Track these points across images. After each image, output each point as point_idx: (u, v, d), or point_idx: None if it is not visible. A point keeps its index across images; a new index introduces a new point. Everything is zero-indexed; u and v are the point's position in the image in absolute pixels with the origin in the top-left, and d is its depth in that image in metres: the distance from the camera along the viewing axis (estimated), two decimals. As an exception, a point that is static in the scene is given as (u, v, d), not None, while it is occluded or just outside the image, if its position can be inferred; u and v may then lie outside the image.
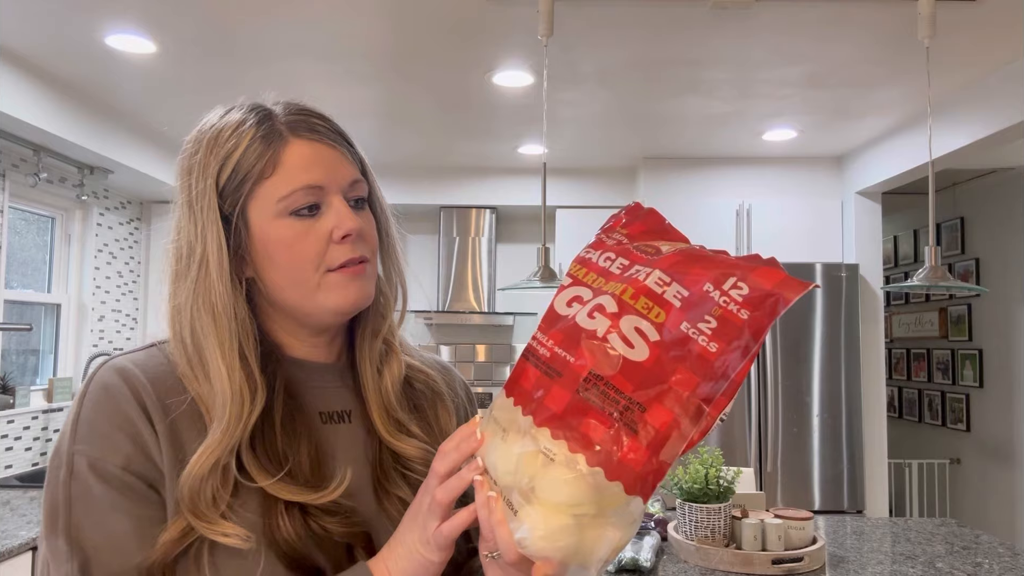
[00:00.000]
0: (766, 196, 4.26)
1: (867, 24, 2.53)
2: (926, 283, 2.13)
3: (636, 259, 0.65)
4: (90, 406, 0.73)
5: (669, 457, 0.59)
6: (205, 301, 0.75)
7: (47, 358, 3.79)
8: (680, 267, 0.62)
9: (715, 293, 0.60)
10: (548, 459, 0.59)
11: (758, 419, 3.84)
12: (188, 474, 0.70)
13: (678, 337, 0.59)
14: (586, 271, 0.68)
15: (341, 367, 0.86)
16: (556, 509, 0.59)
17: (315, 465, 0.76)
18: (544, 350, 0.63)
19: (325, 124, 0.80)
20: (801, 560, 2.03)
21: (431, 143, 4.05)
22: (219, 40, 2.69)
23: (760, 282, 0.59)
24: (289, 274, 0.77)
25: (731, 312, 0.59)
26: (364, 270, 0.79)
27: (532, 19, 2.43)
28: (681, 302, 0.60)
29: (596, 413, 0.59)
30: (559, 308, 0.66)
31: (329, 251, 0.77)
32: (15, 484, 3.15)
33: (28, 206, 3.58)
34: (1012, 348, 4.35)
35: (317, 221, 0.77)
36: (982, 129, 3.06)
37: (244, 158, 0.76)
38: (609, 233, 0.72)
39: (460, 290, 4.65)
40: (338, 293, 0.78)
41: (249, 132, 0.77)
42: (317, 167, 0.77)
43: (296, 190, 0.76)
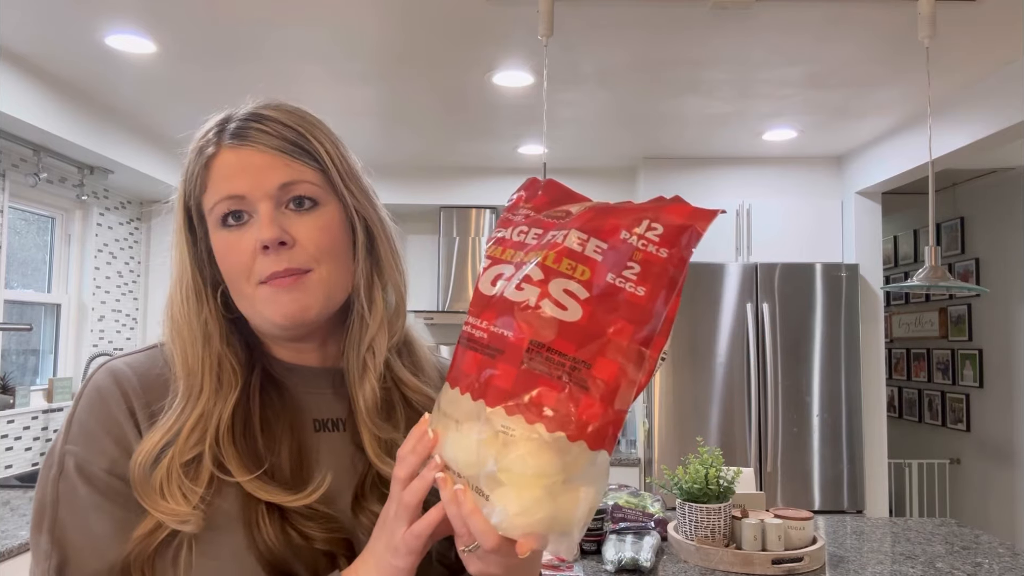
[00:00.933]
0: (766, 196, 4.26)
1: (867, 24, 2.53)
2: (926, 283, 2.13)
3: (549, 226, 0.66)
4: (83, 407, 0.76)
5: (624, 405, 0.60)
6: (172, 312, 0.78)
7: (47, 358, 3.79)
8: (594, 222, 0.63)
9: (632, 239, 0.61)
10: (508, 437, 0.59)
11: (758, 419, 3.84)
12: (136, 455, 0.71)
13: (606, 289, 0.60)
14: (502, 249, 0.68)
15: (335, 373, 0.83)
16: (526, 484, 0.59)
17: (296, 468, 0.76)
18: (480, 332, 0.63)
19: (263, 127, 0.76)
20: (801, 560, 2.03)
21: (431, 143, 4.05)
22: (219, 40, 2.69)
23: (672, 218, 0.61)
24: (231, 285, 0.77)
25: (651, 253, 0.60)
26: (295, 282, 0.74)
27: (532, 19, 2.43)
28: (602, 255, 0.61)
29: (545, 380, 0.59)
30: (484, 289, 0.66)
31: (256, 262, 0.74)
32: (15, 484, 3.15)
33: (28, 206, 3.58)
34: (1012, 348, 4.35)
35: (245, 231, 0.75)
36: (982, 129, 3.06)
37: (189, 174, 0.79)
38: (513, 211, 0.72)
39: (460, 290, 4.65)
40: (270, 307, 0.75)
41: (196, 147, 0.78)
42: (239, 175, 0.75)
43: (220, 200, 0.75)
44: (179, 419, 0.73)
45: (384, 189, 0.86)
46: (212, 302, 0.78)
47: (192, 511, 0.70)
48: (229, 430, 0.73)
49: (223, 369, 0.76)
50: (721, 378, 3.87)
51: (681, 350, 3.86)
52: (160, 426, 0.73)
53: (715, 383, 3.87)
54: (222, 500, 0.72)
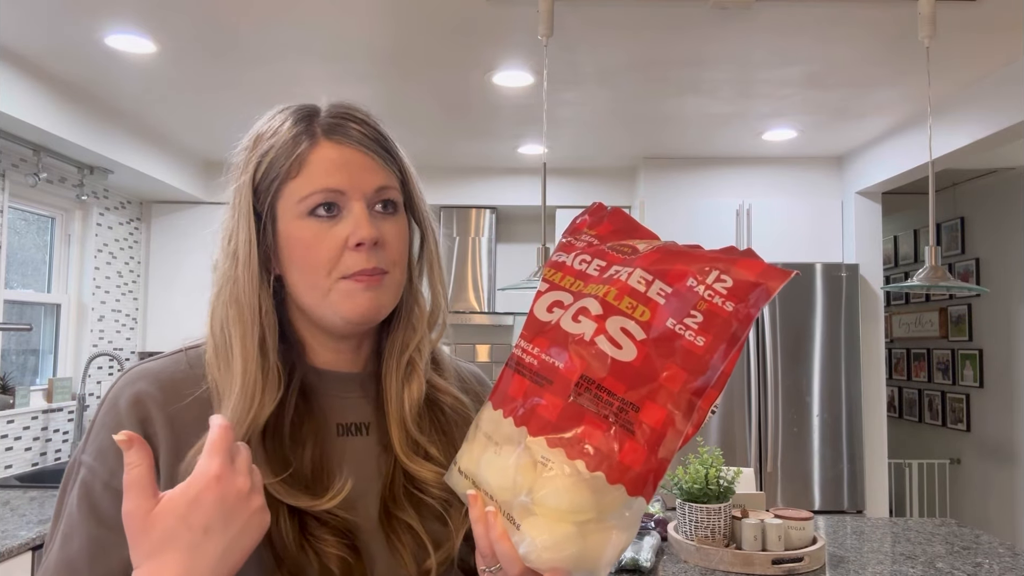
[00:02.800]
0: (766, 196, 4.26)
1: (867, 24, 2.53)
2: (926, 283, 2.13)
3: (613, 260, 0.65)
4: (100, 418, 0.77)
5: (667, 454, 0.59)
6: (232, 292, 0.77)
7: (47, 358, 3.79)
8: (661, 264, 0.62)
9: (699, 287, 0.60)
10: (546, 468, 0.59)
11: (758, 419, 3.84)
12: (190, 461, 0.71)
13: (665, 334, 0.59)
14: (561, 275, 0.67)
15: (364, 377, 0.84)
16: (559, 518, 0.58)
17: (317, 472, 0.76)
18: (531, 358, 0.63)
19: (360, 128, 0.79)
20: (801, 560, 2.03)
21: (431, 143, 4.05)
22: (219, 40, 2.69)
23: (743, 273, 0.60)
24: (304, 275, 0.77)
25: (716, 305, 0.59)
26: (379, 281, 0.76)
27: (532, 19, 2.43)
28: (665, 299, 0.60)
29: (591, 417, 0.58)
30: (539, 315, 0.65)
31: (343, 257, 0.76)
32: (15, 484, 3.15)
33: (28, 206, 3.58)
34: (1012, 348, 4.35)
35: (335, 226, 0.76)
36: (982, 129, 3.06)
37: (276, 158, 0.78)
38: (576, 235, 0.72)
39: (460, 290, 4.65)
40: (348, 302, 0.76)
41: (285, 133, 0.78)
42: (340, 171, 0.76)
43: (315, 191, 0.76)
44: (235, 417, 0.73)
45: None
46: (269, 289, 0.78)
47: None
48: (260, 431, 0.74)
49: (271, 368, 0.76)
50: (721, 378, 3.86)
51: (681, 350, 3.86)
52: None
53: (715, 383, 3.86)
54: None
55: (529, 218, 4.93)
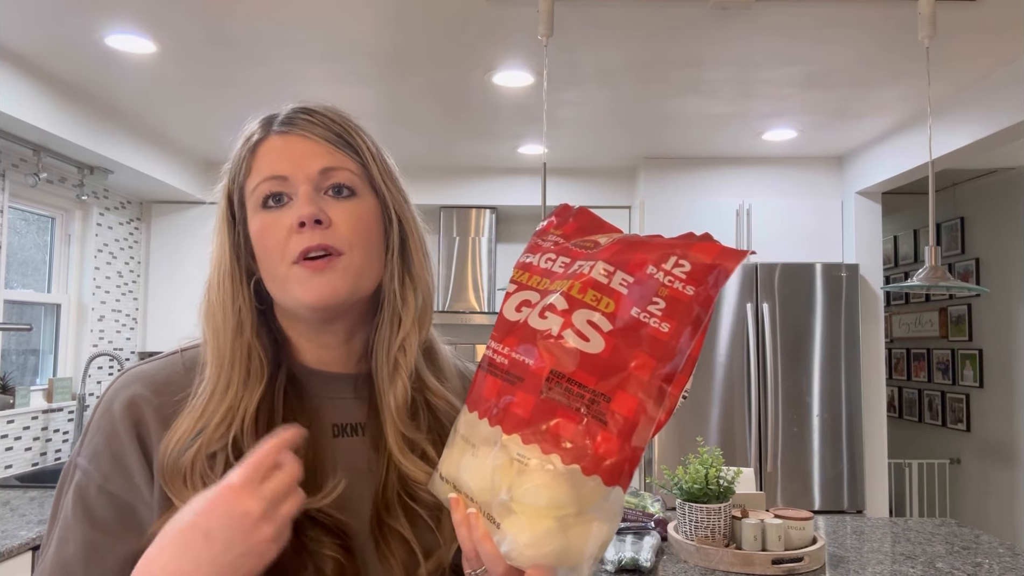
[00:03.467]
0: (766, 196, 4.26)
1: (867, 24, 2.53)
2: (926, 283, 2.13)
3: (576, 255, 0.65)
4: (95, 421, 0.78)
5: (641, 442, 0.59)
6: (209, 296, 0.80)
7: (47, 358, 3.79)
8: (621, 255, 0.62)
9: (659, 274, 0.61)
10: (523, 465, 0.59)
11: (758, 419, 3.84)
12: (166, 443, 0.73)
13: (630, 323, 0.60)
14: (528, 275, 0.68)
15: (358, 378, 0.84)
16: (538, 514, 0.58)
17: (310, 471, 0.75)
18: (501, 358, 0.63)
19: (308, 117, 0.80)
20: (801, 560, 2.03)
21: (431, 143, 4.05)
22: (219, 40, 2.69)
23: (700, 256, 0.61)
24: (264, 267, 0.79)
25: (677, 290, 0.60)
26: (327, 264, 0.76)
27: (532, 19, 2.43)
28: (628, 288, 0.61)
29: (563, 411, 0.58)
30: (508, 315, 0.65)
31: (291, 240, 0.76)
32: (15, 484, 3.15)
33: (28, 206, 3.58)
34: (1012, 348, 4.35)
35: (283, 212, 0.77)
36: (982, 129, 3.06)
37: (235, 161, 0.81)
38: (543, 236, 0.72)
39: (460, 290, 4.65)
40: (301, 287, 0.76)
41: (244, 137, 0.81)
42: (284, 159, 0.77)
43: (260, 182, 0.78)
44: (208, 407, 0.74)
45: (384, 189, 0.88)
46: (246, 290, 0.80)
47: None
48: (253, 425, 0.74)
49: (252, 360, 0.77)
50: (721, 378, 3.87)
51: (681, 350, 3.86)
52: (189, 413, 0.75)
53: (715, 383, 3.87)
54: None
55: (529, 218, 4.93)
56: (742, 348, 3.87)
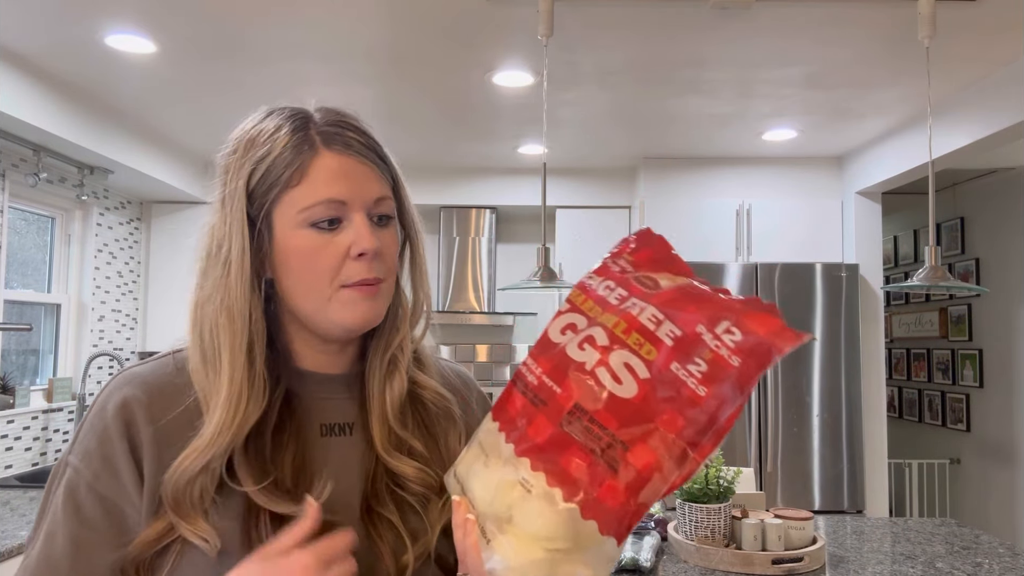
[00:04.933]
0: (766, 196, 4.26)
1: (867, 25, 2.53)
2: (926, 283, 2.13)
3: (635, 291, 0.63)
4: (89, 420, 0.78)
5: (648, 499, 0.57)
6: (224, 300, 0.76)
7: (47, 358, 3.79)
8: (675, 304, 0.60)
9: (707, 336, 0.57)
10: (525, 490, 0.58)
11: (758, 419, 3.84)
12: (174, 471, 0.72)
13: (668, 377, 0.57)
14: (584, 298, 0.66)
15: (349, 378, 0.85)
16: (529, 541, 0.58)
17: (298, 477, 0.76)
18: (532, 377, 0.62)
19: (359, 138, 0.80)
20: (801, 560, 2.03)
21: (431, 143, 4.05)
22: (219, 40, 2.69)
23: (754, 328, 0.57)
24: (303, 284, 0.77)
25: (722, 357, 0.57)
26: (377, 290, 0.78)
27: (532, 19, 2.43)
28: (673, 341, 0.58)
29: (578, 448, 0.57)
30: (552, 335, 0.64)
31: (345, 267, 0.77)
32: (15, 484, 3.15)
33: (28, 206, 3.58)
34: (1012, 348, 4.35)
35: (336, 236, 0.77)
36: (982, 129, 3.06)
37: (274, 165, 0.77)
38: (615, 259, 0.71)
39: (460, 290, 4.65)
40: (348, 310, 0.77)
41: (283, 139, 0.77)
42: (342, 182, 0.77)
43: (318, 203, 0.76)
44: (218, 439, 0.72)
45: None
46: (259, 299, 0.78)
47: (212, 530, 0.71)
48: (244, 440, 0.74)
49: (256, 381, 0.75)
50: (721, 378, 3.86)
51: (681, 350, 3.86)
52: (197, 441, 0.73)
53: (715, 383, 3.86)
54: (225, 506, 0.73)
55: (529, 218, 4.93)
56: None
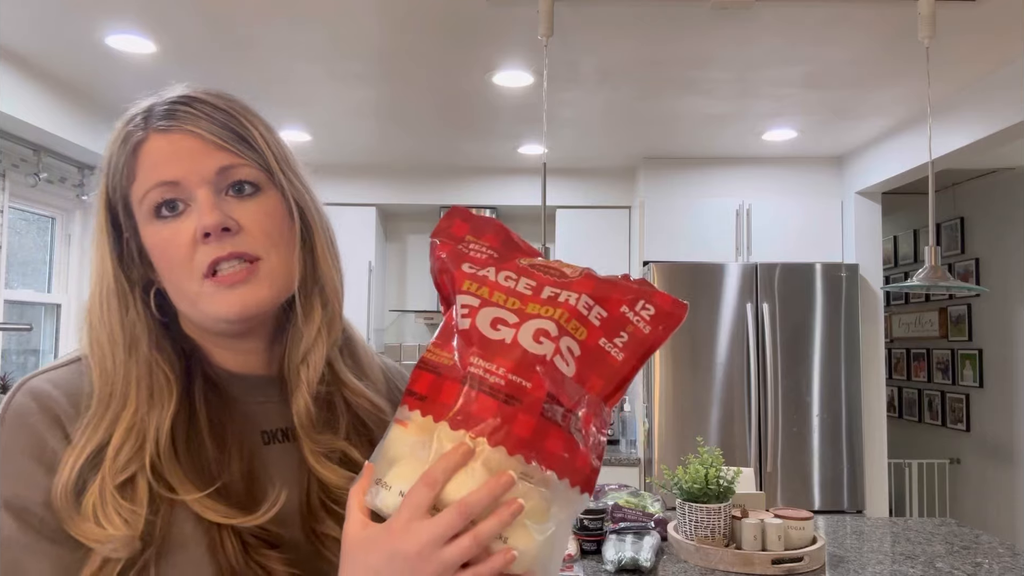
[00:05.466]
0: (766, 196, 4.26)
1: (867, 24, 2.53)
2: (926, 283, 2.13)
3: (542, 280, 0.71)
4: (6, 438, 0.68)
5: (599, 454, 0.67)
6: (91, 318, 0.73)
7: (47, 358, 3.79)
8: (600, 291, 0.71)
9: (630, 314, 0.70)
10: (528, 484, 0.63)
11: (758, 419, 3.84)
12: (56, 481, 0.65)
13: (594, 350, 0.68)
14: (489, 290, 0.69)
15: (282, 380, 0.78)
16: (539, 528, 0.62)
17: (248, 485, 0.71)
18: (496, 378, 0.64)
19: (192, 110, 0.71)
20: (801, 560, 2.03)
21: (431, 143, 4.05)
22: (219, 40, 2.70)
23: (660, 303, 0.71)
24: (171, 283, 0.72)
25: (639, 329, 0.70)
26: (246, 274, 0.69)
27: (532, 19, 2.43)
28: (600, 322, 0.69)
29: (555, 430, 0.64)
30: (486, 332, 0.66)
31: (197, 252, 0.69)
32: (15, 484, 3.15)
33: (28, 206, 3.58)
34: (1012, 348, 4.35)
35: (182, 221, 0.70)
36: (982, 129, 3.06)
37: (113, 166, 0.73)
38: (462, 243, 0.74)
39: (460, 290, 4.65)
40: (218, 303, 0.69)
41: (120, 135, 0.74)
42: (172, 161, 0.69)
43: (149, 190, 0.70)
44: (96, 434, 0.67)
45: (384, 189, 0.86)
46: (139, 304, 0.72)
47: (130, 535, 0.64)
48: (170, 444, 0.68)
49: (154, 378, 0.70)
50: (721, 378, 3.87)
51: (681, 350, 3.86)
52: (74, 446, 0.66)
53: (715, 383, 3.87)
54: (177, 522, 0.67)
55: (529, 218, 4.93)
56: (742, 348, 3.87)
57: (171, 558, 0.66)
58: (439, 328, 0.69)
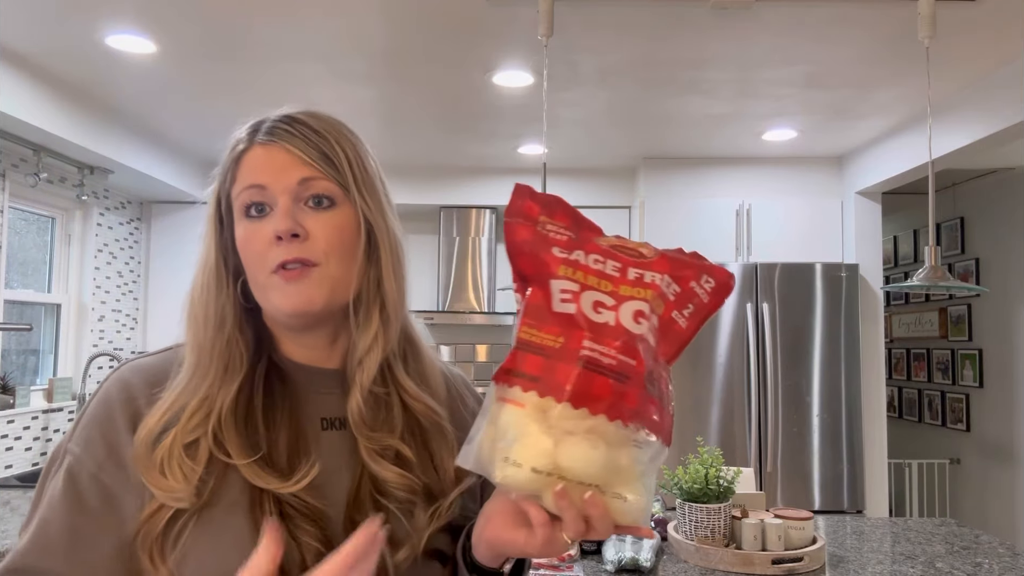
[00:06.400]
0: (766, 196, 4.26)
1: (867, 24, 2.53)
2: (926, 283, 2.13)
3: (625, 261, 0.78)
4: (91, 408, 0.80)
5: (671, 410, 0.76)
6: (192, 295, 0.83)
7: (47, 358, 3.79)
8: (676, 270, 0.78)
9: (697, 288, 0.78)
10: (638, 448, 0.71)
11: (758, 419, 3.84)
12: (140, 430, 0.76)
13: (667, 323, 0.76)
14: (584, 274, 0.76)
15: (343, 374, 0.85)
16: (646, 484, 0.72)
17: (292, 457, 0.78)
18: (609, 359, 0.71)
19: (290, 128, 0.82)
20: (801, 560, 2.03)
21: (431, 143, 4.05)
22: (219, 40, 2.70)
23: (720, 276, 0.79)
24: (249, 273, 0.82)
25: (701, 300, 0.78)
26: (300, 275, 0.78)
27: (532, 19, 2.43)
28: (675, 297, 0.77)
29: (651, 398, 0.72)
30: (590, 315, 0.73)
31: (270, 251, 0.79)
32: (15, 484, 3.15)
33: (28, 206, 3.58)
34: (1012, 348, 4.35)
35: (264, 222, 0.80)
36: (982, 129, 3.06)
37: (223, 168, 0.85)
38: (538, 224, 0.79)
39: (460, 290, 4.65)
40: (277, 296, 0.79)
41: (231, 145, 0.85)
42: (264, 168, 0.80)
43: (243, 190, 0.81)
44: (180, 398, 0.77)
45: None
46: (231, 289, 0.82)
47: (188, 489, 0.73)
48: (232, 414, 0.77)
49: (232, 354, 0.80)
50: (721, 378, 3.87)
51: (681, 350, 3.86)
52: (161, 405, 0.77)
53: (715, 383, 3.87)
54: (227, 484, 0.75)
55: (529, 218, 4.92)
56: (742, 348, 3.87)
57: (213, 513, 0.74)
58: (523, 308, 0.74)
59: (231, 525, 0.74)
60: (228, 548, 0.72)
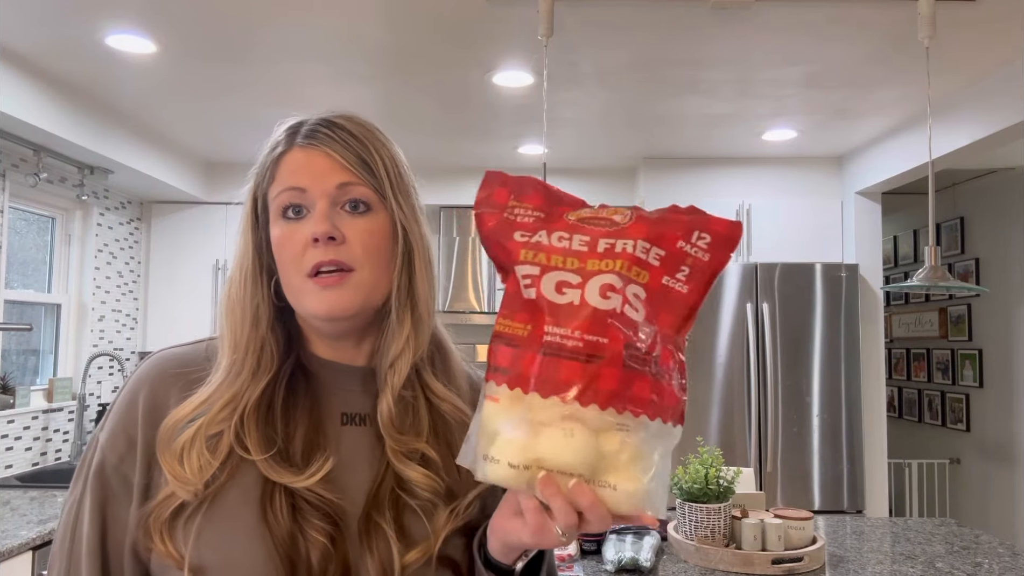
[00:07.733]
0: (766, 196, 4.26)
1: (867, 24, 2.53)
2: (926, 283, 2.13)
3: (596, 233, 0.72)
4: (120, 399, 0.83)
5: (682, 385, 0.70)
6: (230, 292, 0.84)
7: (47, 358, 3.79)
8: (654, 231, 0.72)
9: (688, 247, 0.72)
10: (624, 431, 0.67)
11: (758, 419, 3.84)
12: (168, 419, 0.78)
13: (659, 290, 0.71)
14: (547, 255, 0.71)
15: (367, 372, 0.87)
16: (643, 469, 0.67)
17: (307, 452, 0.79)
18: (574, 342, 0.67)
19: (330, 132, 0.83)
20: (801, 560, 2.03)
21: (431, 143, 4.06)
22: (219, 40, 2.70)
23: (718, 228, 0.73)
24: (284, 276, 0.82)
25: (699, 259, 0.72)
26: (338, 280, 0.79)
27: (532, 19, 2.43)
28: (660, 261, 0.71)
29: (638, 376, 0.67)
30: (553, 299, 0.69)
31: (306, 253, 0.79)
32: (15, 484, 3.15)
33: (28, 206, 3.58)
34: (1012, 348, 4.35)
35: (301, 224, 0.80)
36: (982, 129, 3.06)
37: (261, 167, 0.85)
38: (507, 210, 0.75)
39: (460, 290, 4.65)
40: (313, 300, 0.79)
41: (270, 145, 0.85)
42: (303, 171, 0.81)
43: (281, 192, 0.81)
44: (215, 393, 0.79)
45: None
46: (266, 288, 0.83)
47: (198, 482, 0.75)
48: (256, 410, 0.79)
49: (264, 353, 0.81)
50: (721, 378, 3.87)
51: (681, 350, 3.86)
52: (196, 398, 0.79)
53: (715, 383, 3.87)
54: (242, 476, 0.77)
55: (529, 218, 4.93)
56: (742, 348, 3.87)
57: (225, 501, 0.76)
58: (503, 298, 0.72)
59: (240, 515, 0.75)
60: (234, 537, 0.74)
